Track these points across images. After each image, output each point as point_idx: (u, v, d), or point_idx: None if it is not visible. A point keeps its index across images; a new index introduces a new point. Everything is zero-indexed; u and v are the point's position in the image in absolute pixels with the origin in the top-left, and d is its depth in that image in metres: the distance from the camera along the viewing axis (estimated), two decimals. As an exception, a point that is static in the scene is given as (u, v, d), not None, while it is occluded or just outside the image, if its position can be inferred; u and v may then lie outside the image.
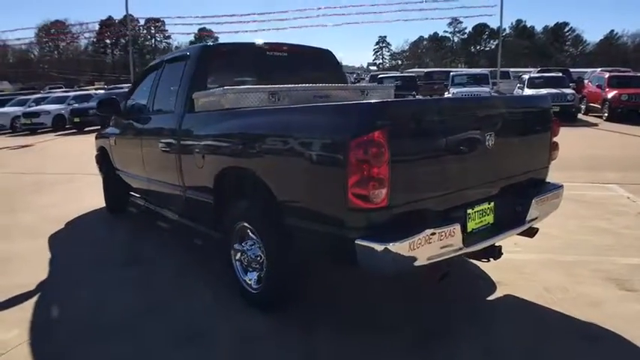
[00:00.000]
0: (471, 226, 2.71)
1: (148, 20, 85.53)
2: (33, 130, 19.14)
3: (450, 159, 2.51)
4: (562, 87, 15.58)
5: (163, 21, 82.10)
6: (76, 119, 18.89)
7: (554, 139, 3.33)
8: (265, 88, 3.55)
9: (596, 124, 14.92)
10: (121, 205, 5.76)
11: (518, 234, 3.12)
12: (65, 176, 8.72)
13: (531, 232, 3.14)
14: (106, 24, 78.53)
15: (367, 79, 25.48)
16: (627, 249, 4.12)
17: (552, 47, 73.87)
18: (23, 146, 14.61)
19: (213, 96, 3.45)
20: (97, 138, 6.16)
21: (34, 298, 3.51)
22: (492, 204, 2.84)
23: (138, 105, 4.89)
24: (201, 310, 3.19)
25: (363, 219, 2.25)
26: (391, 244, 2.17)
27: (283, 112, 2.86)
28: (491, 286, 3.42)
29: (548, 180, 3.40)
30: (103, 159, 5.86)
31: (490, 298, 3.26)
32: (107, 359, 2.70)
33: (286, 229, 2.69)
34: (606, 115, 15.40)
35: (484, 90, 15.63)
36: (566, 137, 12.07)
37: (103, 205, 6.04)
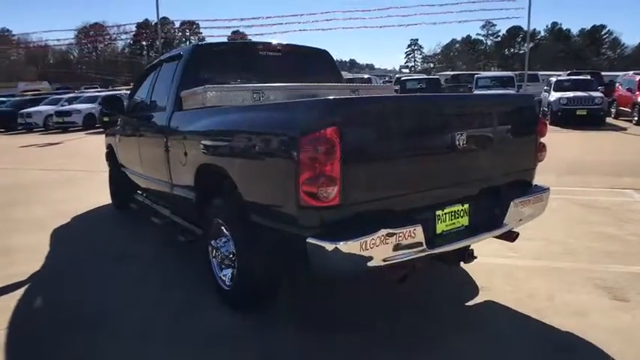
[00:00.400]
0: (441, 227, 2.63)
1: (182, 23, 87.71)
2: (64, 128, 19.84)
3: (412, 159, 2.44)
4: (590, 90, 15.02)
5: (198, 24, 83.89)
6: (106, 118, 19.43)
7: (542, 139, 3.20)
8: (248, 86, 3.57)
9: (624, 129, 14.31)
10: (126, 202, 5.88)
11: (497, 237, 3.02)
12: (84, 173, 9.00)
13: (511, 236, 3.03)
14: (143, 26, 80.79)
15: (393, 81, 25.28)
16: (630, 257, 3.93)
17: (588, 50, 71.37)
18: (51, 144, 15.17)
19: (195, 94, 3.48)
20: (106, 135, 6.33)
21: (25, 287, 3.62)
22: (467, 206, 2.75)
23: (138, 103, 5.00)
24: (180, 304, 3.23)
25: (315, 217, 2.21)
26: (342, 243, 2.13)
27: (246, 110, 2.87)
28: (474, 291, 3.31)
29: (546, 184, 3.28)
30: (112, 156, 6.01)
31: (469, 303, 3.16)
32: (79, 348, 2.75)
33: (252, 226, 2.69)
34: (636, 119, 14.76)
35: (510, 93, 15.21)
36: (591, 141, 11.88)
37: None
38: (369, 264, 2.22)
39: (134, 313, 3.15)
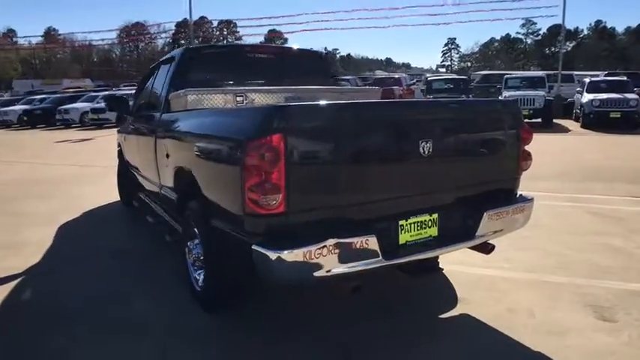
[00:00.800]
0: (404, 238, 2.56)
1: (220, 22, 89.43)
2: (99, 124, 20.53)
3: (367, 167, 2.37)
4: (626, 92, 14.30)
5: (235, 23, 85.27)
6: (137, 115, 19.98)
7: (526, 147, 3.05)
8: (230, 89, 3.57)
9: (662, 133, 13.56)
10: (132, 199, 6.02)
11: (472, 249, 2.91)
12: (106, 169, 9.22)
13: (486, 249, 2.90)
14: (182, 25, 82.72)
15: (422, 81, 24.90)
16: (630, 272, 3.70)
17: (634, 49, 67.86)
18: (84, 140, 15.73)
19: (178, 97, 3.52)
20: (117, 133, 6.50)
21: (17, 281, 3.76)
22: (435, 216, 2.66)
23: (141, 104, 5.10)
24: (154, 304, 3.28)
25: (261, 224, 2.19)
26: (285, 252, 2.10)
27: (209, 115, 2.88)
28: (452, 303, 3.19)
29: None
30: (121, 154, 6.17)
31: (443, 315, 3.05)
32: (55, 340, 2.83)
33: (212, 229, 2.69)
34: (676, 123, 13.94)
35: (538, 94, 14.68)
36: (623, 146, 11.39)
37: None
38: (316, 274, 2.17)
39: (116, 308, 3.24)
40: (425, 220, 2.62)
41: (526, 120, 13.32)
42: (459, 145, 2.70)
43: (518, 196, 3.12)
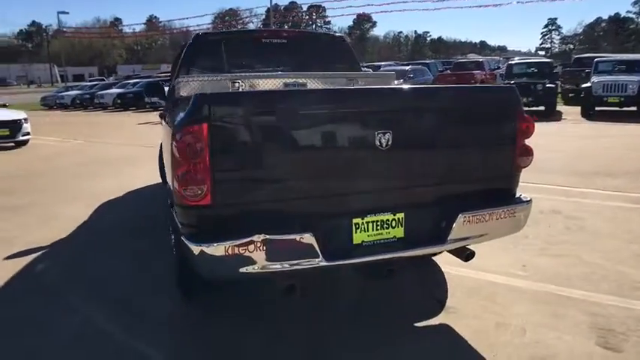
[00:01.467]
0: (360, 237, 2.36)
1: (310, 7, 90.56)
2: (182, 107, 21.70)
3: (309, 160, 2.20)
4: None
5: (324, 7, 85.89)
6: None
7: (526, 141, 2.67)
8: (227, 75, 3.52)
9: None
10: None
11: (450, 253, 2.63)
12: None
13: (463, 254, 2.59)
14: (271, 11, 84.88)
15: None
16: (669, 293, 3.15)
17: None
18: (156, 123, 16.74)
19: (178, 84, 3.54)
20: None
21: (33, 255, 4.07)
22: (401, 215, 2.42)
23: (169, 90, 5.27)
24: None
25: (189, 216, 2.14)
26: (208, 245, 2.03)
27: (176, 102, 2.84)
28: (436, 312, 2.92)
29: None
30: (163, 137, 6.47)
31: (419, 324, 2.80)
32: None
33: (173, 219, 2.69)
34: None
35: (633, 79, 12.92)
36: None
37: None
38: (242, 270, 2.08)
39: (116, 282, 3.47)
40: (387, 220, 2.40)
41: (616, 108, 11.80)
42: (429, 137, 2.41)
43: (517, 196, 2.75)
